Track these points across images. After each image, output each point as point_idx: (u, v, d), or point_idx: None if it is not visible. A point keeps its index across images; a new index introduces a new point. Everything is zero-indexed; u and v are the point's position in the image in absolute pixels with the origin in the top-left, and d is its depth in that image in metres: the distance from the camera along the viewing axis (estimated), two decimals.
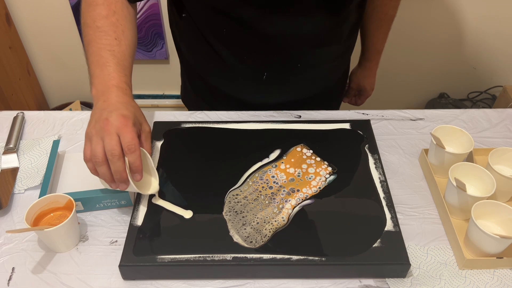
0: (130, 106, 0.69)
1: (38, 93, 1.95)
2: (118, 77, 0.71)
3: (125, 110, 0.66)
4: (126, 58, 0.74)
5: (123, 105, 0.67)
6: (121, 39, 0.74)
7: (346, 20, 0.86)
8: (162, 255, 0.63)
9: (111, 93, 0.69)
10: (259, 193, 0.72)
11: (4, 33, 1.69)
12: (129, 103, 0.69)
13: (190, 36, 0.89)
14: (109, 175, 0.64)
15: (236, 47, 0.84)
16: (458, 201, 0.69)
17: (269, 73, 0.87)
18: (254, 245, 0.64)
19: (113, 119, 0.64)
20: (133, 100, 0.71)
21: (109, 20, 0.74)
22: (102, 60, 0.71)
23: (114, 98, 0.68)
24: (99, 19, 0.74)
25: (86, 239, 0.69)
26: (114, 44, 0.73)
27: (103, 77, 0.70)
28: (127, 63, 0.74)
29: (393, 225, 0.67)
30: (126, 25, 0.76)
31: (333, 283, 0.64)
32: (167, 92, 1.98)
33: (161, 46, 1.79)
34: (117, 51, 0.73)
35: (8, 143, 0.84)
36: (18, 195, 0.76)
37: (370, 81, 1.13)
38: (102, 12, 0.74)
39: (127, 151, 0.63)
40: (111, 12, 0.74)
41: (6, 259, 0.67)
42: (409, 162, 0.83)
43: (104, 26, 0.73)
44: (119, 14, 0.75)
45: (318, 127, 0.85)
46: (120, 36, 0.74)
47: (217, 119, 0.91)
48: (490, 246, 0.63)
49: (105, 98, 0.68)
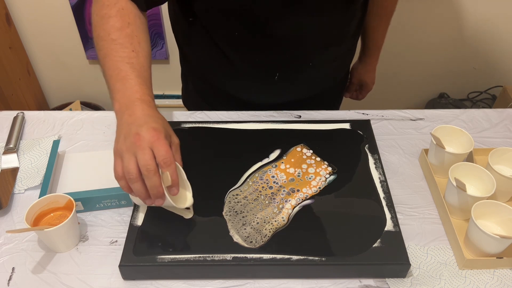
0: (158, 119, 0.66)
1: (38, 93, 1.96)
2: (141, 90, 0.68)
3: (154, 123, 0.64)
4: (145, 69, 0.71)
5: (151, 118, 0.65)
6: (139, 51, 0.71)
7: (353, 17, 0.86)
8: (162, 255, 0.63)
9: (136, 106, 0.66)
10: (259, 193, 0.72)
11: (4, 33, 1.69)
12: (156, 116, 0.67)
13: (198, 41, 0.88)
14: (145, 191, 0.61)
15: (247, 49, 0.84)
16: (458, 201, 0.69)
17: (280, 73, 0.87)
18: (254, 245, 0.64)
19: (144, 133, 0.61)
20: (158, 112, 0.69)
21: (124, 32, 0.71)
22: (122, 74, 0.68)
23: (140, 111, 0.65)
24: (113, 31, 0.71)
25: (86, 239, 0.69)
26: (132, 56, 0.70)
27: (125, 91, 0.67)
28: (147, 75, 0.72)
29: (393, 225, 0.67)
30: (141, 36, 0.73)
31: (333, 283, 0.64)
32: (167, 92, 1.98)
33: (161, 46, 1.79)
34: (136, 63, 0.70)
35: (8, 143, 0.84)
36: (18, 195, 0.76)
37: (370, 75, 1.14)
38: (116, 24, 0.71)
39: (163, 164, 0.61)
40: (125, 23, 0.72)
41: (6, 259, 0.67)
42: (409, 162, 0.83)
43: (119, 39, 0.71)
44: (133, 25, 0.73)
45: (318, 127, 0.85)
46: (137, 47, 0.71)
47: (217, 119, 0.91)
48: (490, 246, 0.63)
49: (130, 113, 0.65)
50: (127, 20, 0.72)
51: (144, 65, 0.71)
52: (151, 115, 0.65)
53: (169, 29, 1.51)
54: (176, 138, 0.69)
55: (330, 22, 0.81)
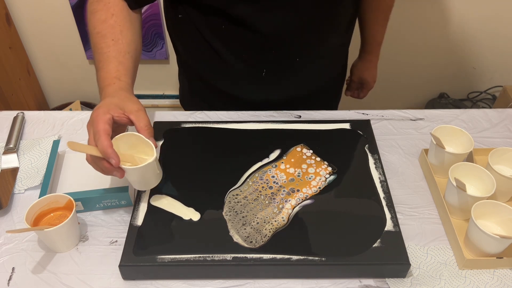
0: (111, 97, 0.69)
1: (38, 93, 1.95)
2: (109, 76, 0.72)
3: (102, 103, 0.67)
4: (123, 54, 0.74)
5: (105, 100, 0.68)
6: (119, 39, 0.74)
7: (342, 12, 0.86)
8: (162, 255, 0.63)
9: (102, 93, 0.71)
10: (259, 193, 0.72)
11: (4, 33, 1.69)
12: (113, 94, 0.69)
13: (188, 37, 0.89)
14: (100, 170, 0.65)
15: (234, 44, 0.84)
16: (458, 201, 0.69)
17: (268, 69, 0.87)
18: (254, 245, 0.64)
19: (91, 117, 0.66)
20: (122, 90, 0.71)
21: (107, 23, 0.75)
22: (100, 64, 0.73)
23: (103, 97, 0.69)
24: (98, 24, 0.75)
25: (86, 239, 0.69)
26: (111, 45, 0.74)
27: (101, 80, 0.72)
28: (124, 59, 0.74)
29: (393, 225, 0.67)
30: (125, 25, 0.76)
31: (333, 283, 0.64)
32: (167, 92, 1.98)
33: (161, 46, 1.79)
34: (112, 50, 0.73)
35: (8, 143, 0.84)
36: (18, 195, 0.76)
37: (371, 73, 1.13)
38: (101, 17, 0.75)
39: (94, 141, 0.64)
40: (109, 15, 0.75)
41: (6, 259, 0.67)
42: (409, 162, 0.83)
43: (102, 31, 0.75)
44: (117, 15, 0.76)
45: (318, 127, 0.85)
46: (118, 36, 0.75)
47: (217, 119, 0.91)
48: (490, 246, 0.63)
49: (101, 99, 0.70)
50: (112, 11, 0.76)
51: (122, 51, 0.74)
52: (109, 96, 0.69)
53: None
54: (134, 105, 0.68)
55: (315, 18, 0.81)
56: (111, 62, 0.73)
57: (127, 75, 0.74)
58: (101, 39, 0.74)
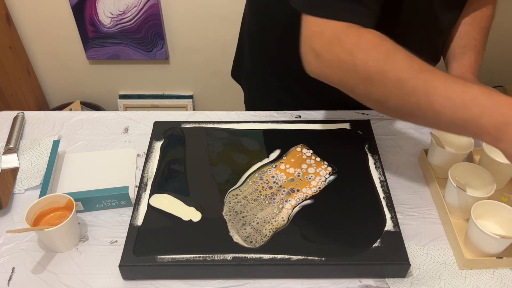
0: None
1: (38, 93, 1.96)
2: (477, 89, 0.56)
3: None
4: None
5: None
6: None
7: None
8: (162, 255, 0.63)
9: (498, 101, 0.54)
10: (259, 193, 0.72)
11: (4, 33, 1.69)
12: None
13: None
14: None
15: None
16: (458, 201, 0.69)
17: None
18: (254, 245, 0.64)
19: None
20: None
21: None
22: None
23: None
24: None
25: (86, 239, 0.69)
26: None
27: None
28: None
29: (393, 225, 0.67)
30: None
31: (333, 283, 0.64)
32: (167, 92, 1.98)
33: (161, 46, 1.79)
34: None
35: (8, 143, 0.84)
36: (18, 195, 0.76)
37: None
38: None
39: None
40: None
41: (6, 259, 0.67)
42: (409, 162, 0.83)
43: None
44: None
45: (318, 127, 0.85)
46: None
47: (217, 119, 0.91)
48: (490, 246, 0.63)
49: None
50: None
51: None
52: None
53: (169, 29, 1.50)
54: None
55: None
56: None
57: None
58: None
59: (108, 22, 1.74)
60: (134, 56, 1.84)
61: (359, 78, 0.59)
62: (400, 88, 0.57)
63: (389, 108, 0.61)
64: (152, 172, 0.76)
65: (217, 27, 1.76)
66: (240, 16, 1.00)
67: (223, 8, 1.70)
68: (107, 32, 1.77)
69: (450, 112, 0.55)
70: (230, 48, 1.81)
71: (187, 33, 1.79)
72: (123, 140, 0.87)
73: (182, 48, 1.83)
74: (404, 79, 0.56)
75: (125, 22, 1.74)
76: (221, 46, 1.81)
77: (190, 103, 1.97)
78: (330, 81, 0.64)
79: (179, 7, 1.71)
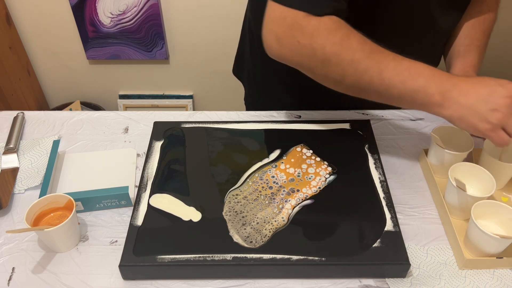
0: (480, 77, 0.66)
1: (38, 93, 1.96)
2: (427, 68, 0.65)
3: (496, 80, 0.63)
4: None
5: (483, 79, 0.64)
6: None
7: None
8: (162, 255, 0.63)
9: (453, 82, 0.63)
10: (259, 193, 0.72)
11: (4, 33, 1.69)
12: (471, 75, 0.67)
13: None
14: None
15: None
16: (458, 201, 0.69)
17: None
18: (254, 245, 0.64)
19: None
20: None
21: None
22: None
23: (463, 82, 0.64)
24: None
25: (86, 239, 0.69)
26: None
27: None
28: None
29: (393, 225, 0.67)
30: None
31: (333, 283, 0.64)
32: (167, 92, 1.98)
33: (161, 46, 1.79)
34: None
35: (8, 143, 0.84)
36: (18, 195, 0.76)
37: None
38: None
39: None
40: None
41: (6, 259, 0.67)
42: (409, 162, 0.83)
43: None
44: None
45: (318, 127, 0.85)
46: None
47: (217, 119, 0.91)
48: (490, 246, 0.63)
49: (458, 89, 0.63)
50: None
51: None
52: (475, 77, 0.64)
53: (169, 29, 1.50)
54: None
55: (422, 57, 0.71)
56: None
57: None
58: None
59: (108, 22, 1.74)
60: (134, 56, 1.84)
61: (318, 61, 0.65)
62: (355, 68, 0.63)
63: (346, 86, 0.67)
64: (152, 172, 0.76)
65: (217, 27, 1.76)
66: (240, 16, 1.00)
67: (223, 8, 1.70)
68: (107, 32, 1.77)
69: (400, 85, 0.62)
70: (230, 48, 1.81)
71: (187, 33, 1.79)
72: (123, 140, 0.87)
73: (182, 48, 1.83)
74: (358, 60, 0.63)
75: (125, 22, 1.74)
76: (221, 46, 1.81)
77: (190, 103, 1.97)
78: (290, 63, 0.68)
79: (179, 7, 1.71)
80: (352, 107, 0.93)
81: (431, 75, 0.63)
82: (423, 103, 0.63)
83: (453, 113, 0.63)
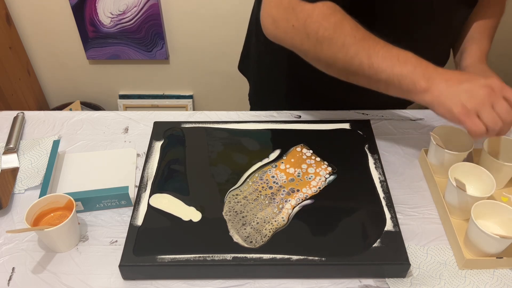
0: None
1: (38, 93, 1.96)
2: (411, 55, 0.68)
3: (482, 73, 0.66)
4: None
5: (467, 71, 0.68)
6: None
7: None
8: (162, 255, 0.63)
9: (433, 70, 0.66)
10: (259, 193, 0.72)
11: (4, 33, 1.69)
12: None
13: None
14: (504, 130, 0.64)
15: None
16: (458, 201, 0.69)
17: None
18: (254, 245, 0.64)
19: (495, 85, 0.64)
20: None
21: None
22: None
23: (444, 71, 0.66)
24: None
25: (86, 239, 0.69)
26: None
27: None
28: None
29: (393, 225, 0.67)
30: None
31: (333, 283, 0.64)
32: (167, 92, 1.98)
33: (161, 46, 1.79)
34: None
35: (8, 143, 0.84)
36: (18, 195, 0.76)
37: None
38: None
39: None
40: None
41: (6, 259, 0.67)
42: (409, 162, 0.83)
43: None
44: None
45: (318, 127, 0.85)
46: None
47: (217, 119, 0.91)
48: (490, 246, 0.63)
49: (442, 76, 0.66)
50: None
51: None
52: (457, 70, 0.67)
53: (169, 29, 1.50)
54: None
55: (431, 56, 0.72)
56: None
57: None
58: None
59: (108, 22, 1.74)
60: (134, 56, 1.84)
61: (311, 45, 0.68)
62: (345, 52, 0.66)
63: (337, 70, 0.70)
64: (152, 172, 0.76)
65: (217, 27, 1.76)
66: (241, 16, 1.00)
67: (223, 8, 1.70)
68: (107, 32, 1.77)
69: (389, 69, 0.65)
70: (230, 48, 1.81)
71: (187, 33, 1.79)
72: (123, 140, 0.87)
73: (182, 48, 1.83)
74: (349, 44, 0.65)
75: (125, 22, 1.74)
76: (221, 46, 1.81)
77: (190, 103, 1.97)
78: (285, 45, 0.72)
79: (179, 7, 1.71)
80: (352, 107, 0.93)
81: (419, 63, 0.66)
82: (409, 89, 0.66)
83: (434, 99, 0.65)
